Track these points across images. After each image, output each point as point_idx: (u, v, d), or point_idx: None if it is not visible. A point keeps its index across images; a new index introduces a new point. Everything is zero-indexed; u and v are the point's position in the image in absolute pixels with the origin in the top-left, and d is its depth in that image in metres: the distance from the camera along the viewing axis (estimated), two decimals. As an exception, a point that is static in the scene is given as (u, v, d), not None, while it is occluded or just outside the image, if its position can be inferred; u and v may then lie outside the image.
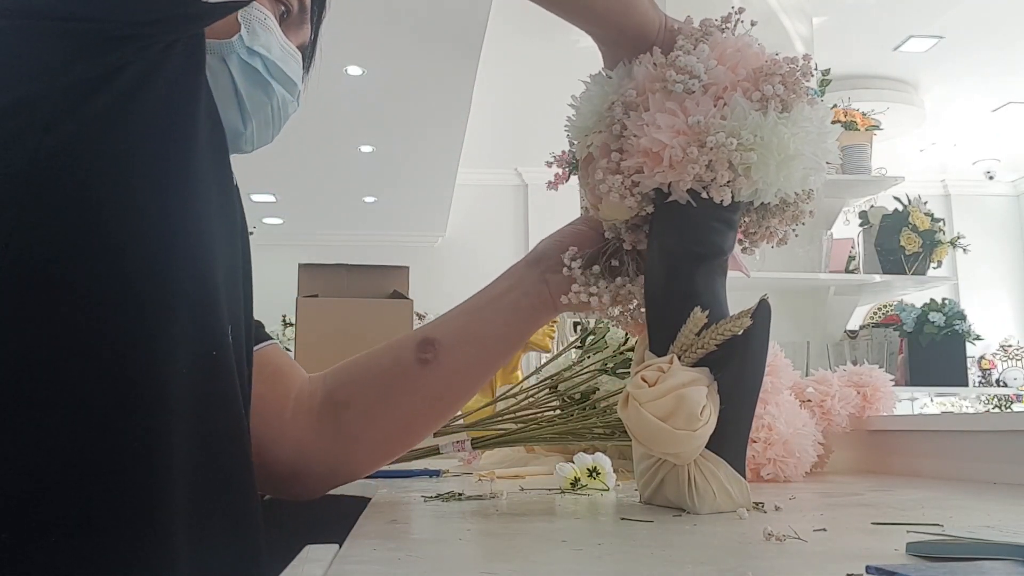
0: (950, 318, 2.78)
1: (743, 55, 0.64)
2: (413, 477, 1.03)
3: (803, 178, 0.64)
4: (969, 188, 7.01)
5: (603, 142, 0.68)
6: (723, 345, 0.64)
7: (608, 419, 0.95)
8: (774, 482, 0.90)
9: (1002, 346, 6.17)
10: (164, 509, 0.50)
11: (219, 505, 0.55)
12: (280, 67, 0.68)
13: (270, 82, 0.68)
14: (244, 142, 0.70)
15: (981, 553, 0.40)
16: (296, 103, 0.73)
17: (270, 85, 0.68)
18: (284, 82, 0.69)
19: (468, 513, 0.67)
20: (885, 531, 0.53)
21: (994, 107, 5.48)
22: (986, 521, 0.57)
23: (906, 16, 4.27)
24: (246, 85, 0.67)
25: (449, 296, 4.06)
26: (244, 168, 3.21)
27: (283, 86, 0.70)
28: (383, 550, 0.49)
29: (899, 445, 1.05)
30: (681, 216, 0.65)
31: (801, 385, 1.04)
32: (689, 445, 0.62)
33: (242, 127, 0.69)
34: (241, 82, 0.66)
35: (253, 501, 0.60)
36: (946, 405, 4.45)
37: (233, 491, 0.57)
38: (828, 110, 0.64)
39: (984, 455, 0.91)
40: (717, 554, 0.47)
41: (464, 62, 4.11)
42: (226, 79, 0.66)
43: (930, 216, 2.53)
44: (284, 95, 0.70)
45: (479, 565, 0.43)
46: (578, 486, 0.83)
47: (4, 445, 0.47)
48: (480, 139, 5.64)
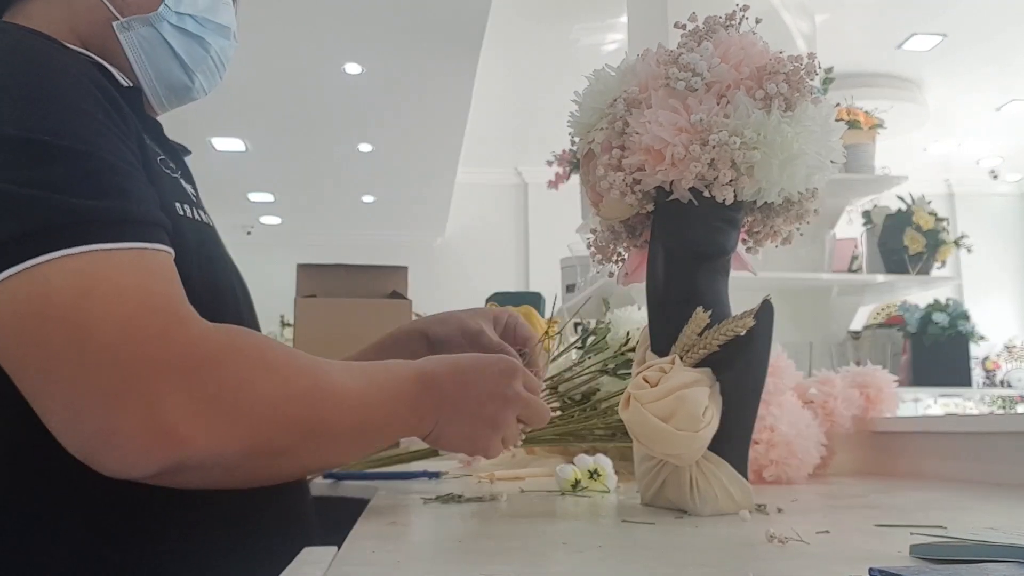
0: (954, 318, 2.77)
1: (747, 53, 0.64)
2: (412, 479, 1.02)
3: (807, 177, 0.64)
4: (973, 187, 7.00)
5: (605, 139, 0.67)
6: (726, 345, 0.63)
7: (609, 420, 0.94)
8: (777, 484, 0.90)
9: (1007, 347, 6.15)
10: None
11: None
12: (210, 18, 0.73)
13: (203, 37, 0.73)
14: (196, 93, 0.76)
15: (985, 555, 0.40)
16: (235, 42, 0.77)
17: (204, 39, 0.73)
18: (217, 30, 0.74)
19: (468, 515, 0.66)
20: (888, 533, 0.52)
21: (998, 105, 5.47)
22: (990, 523, 0.56)
23: (909, 14, 4.26)
24: (182, 45, 0.72)
25: (449, 296, 4.08)
26: (243, 167, 3.23)
27: (218, 34, 0.74)
28: (382, 552, 0.48)
29: (902, 446, 1.04)
30: (683, 215, 0.65)
31: (804, 386, 1.03)
32: (691, 446, 0.62)
33: (189, 82, 0.74)
34: (177, 44, 0.71)
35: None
36: (950, 406, 4.45)
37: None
38: (832, 108, 0.64)
39: (988, 457, 0.90)
40: (719, 556, 0.47)
41: (464, 61, 4.10)
42: (163, 46, 0.70)
43: (934, 215, 2.52)
44: (220, 42, 0.75)
45: (479, 568, 0.43)
46: (579, 488, 0.83)
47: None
48: (480, 139, 5.64)
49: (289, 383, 0.53)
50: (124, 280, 0.48)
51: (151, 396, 0.46)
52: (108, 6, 0.68)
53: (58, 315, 0.46)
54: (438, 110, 4.70)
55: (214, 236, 0.69)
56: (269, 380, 0.52)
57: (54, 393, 0.47)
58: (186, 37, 0.72)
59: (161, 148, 0.68)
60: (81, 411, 0.46)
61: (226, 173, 5.72)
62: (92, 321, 0.47)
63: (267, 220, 6.87)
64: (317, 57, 4.10)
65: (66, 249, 0.48)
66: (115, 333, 0.46)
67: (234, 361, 0.50)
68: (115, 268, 0.49)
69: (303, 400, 0.54)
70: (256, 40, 3.90)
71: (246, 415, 0.50)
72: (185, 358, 0.48)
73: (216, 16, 0.73)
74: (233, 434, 0.50)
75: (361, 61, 4.15)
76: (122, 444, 0.46)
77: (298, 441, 0.54)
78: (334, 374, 0.58)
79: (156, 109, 0.76)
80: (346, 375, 0.59)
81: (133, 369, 0.46)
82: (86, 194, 0.50)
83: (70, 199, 0.49)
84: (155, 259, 0.52)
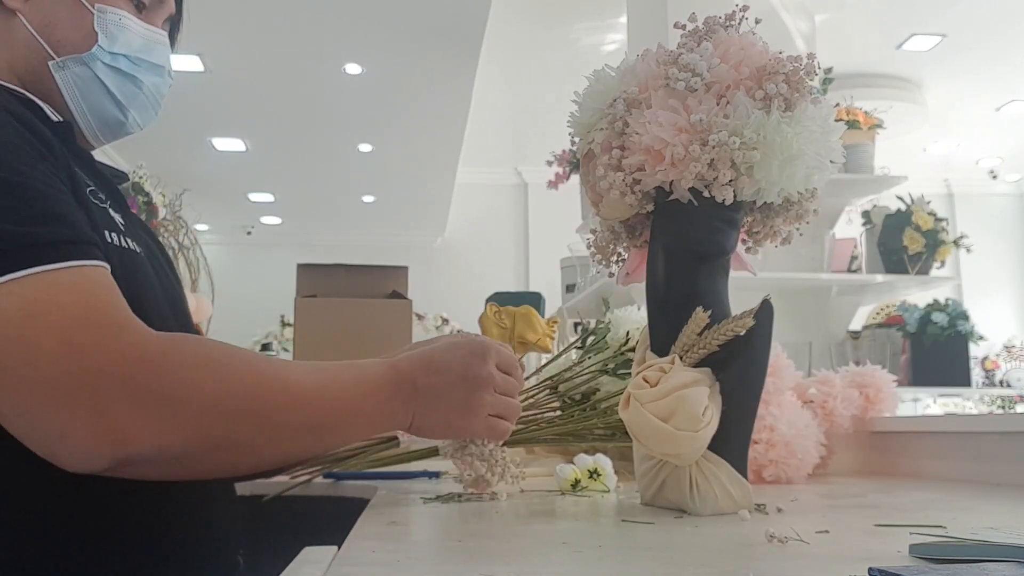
0: (953, 318, 2.77)
1: (747, 53, 0.64)
2: (412, 479, 1.02)
3: (806, 177, 0.64)
4: (972, 187, 7.00)
5: (605, 139, 0.67)
6: (725, 345, 0.63)
7: (609, 420, 0.94)
8: (776, 483, 0.90)
9: (1006, 347, 6.15)
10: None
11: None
12: (144, 58, 0.76)
13: (137, 75, 0.76)
14: (130, 128, 0.79)
15: (985, 555, 0.40)
16: (169, 79, 0.80)
17: (137, 78, 0.76)
18: (151, 69, 0.77)
19: (468, 515, 0.66)
20: (888, 533, 0.52)
21: (998, 105, 5.47)
22: (990, 523, 0.56)
23: (909, 14, 4.26)
24: (116, 83, 0.75)
25: (448, 296, 4.04)
26: (243, 167, 3.23)
27: (152, 72, 0.78)
28: (382, 552, 0.48)
29: (902, 446, 1.04)
30: (682, 215, 0.65)
31: (803, 386, 1.03)
32: (690, 446, 0.62)
33: (123, 118, 0.77)
34: (111, 82, 0.74)
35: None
36: (949, 406, 4.44)
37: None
38: (832, 108, 0.64)
39: (988, 456, 0.90)
40: (719, 556, 0.47)
41: (464, 61, 4.10)
42: (96, 83, 0.74)
43: (933, 216, 2.52)
44: (154, 80, 0.78)
45: (479, 568, 0.43)
46: (579, 487, 0.83)
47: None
48: (480, 138, 5.63)
49: (231, 380, 0.57)
50: (64, 298, 0.53)
51: (94, 400, 0.51)
52: (44, 46, 0.72)
53: (8, 334, 0.51)
54: (438, 110, 4.70)
55: (143, 262, 0.71)
56: (209, 378, 0.56)
57: (12, 403, 0.52)
58: (119, 76, 0.75)
59: (92, 179, 0.70)
60: (36, 418, 0.52)
61: (226, 173, 5.72)
62: (38, 338, 0.51)
63: (267, 220, 6.86)
64: (317, 57, 4.10)
65: (10, 274, 0.52)
66: (59, 348, 0.51)
67: (172, 362, 0.54)
68: (56, 287, 0.53)
69: (247, 395, 0.57)
70: (256, 40, 3.90)
71: (185, 411, 0.54)
72: (123, 364, 0.52)
73: (150, 56, 0.77)
74: (174, 430, 0.54)
75: (361, 61, 4.15)
76: (74, 444, 0.51)
77: (247, 435, 0.58)
78: (285, 372, 0.61)
79: (91, 142, 0.79)
80: (301, 373, 0.62)
81: (77, 379, 0.51)
82: (23, 221, 0.54)
83: (8, 226, 0.53)
84: (93, 275, 0.56)
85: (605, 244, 0.74)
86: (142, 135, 0.85)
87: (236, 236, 6.90)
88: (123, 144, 4.44)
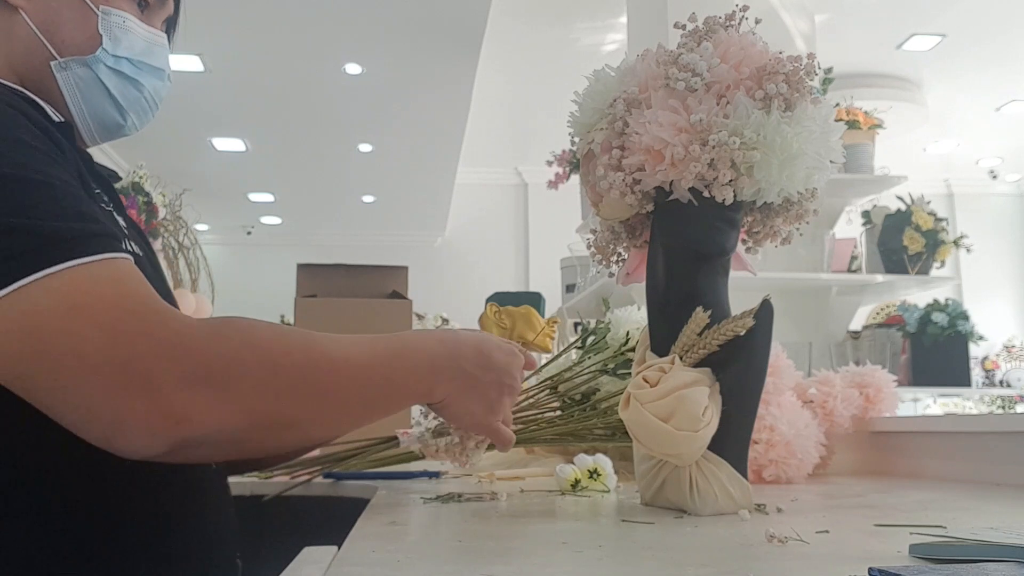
0: (953, 318, 2.77)
1: (747, 53, 0.64)
2: (412, 479, 1.02)
3: (806, 177, 0.64)
4: (972, 187, 7.00)
5: (605, 139, 0.67)
6: (725, 345, 0.63)
7: (609, 420, 0.94)
8: (776, 483, 0.90)
9: (1006, 346, 6.15)
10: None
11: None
12: (146, 61, 0.77)
13: (138, 79, 0.76)
14: (127, 130, 0.80)
15: (985, 555, 0.40)
16: (167, 83, 0.81)
17: (139, 81, 0.77)
18: (152, 72, 0.78)
19: (468, 515, 0.66)
20: (888, 533, 0.52)
21: (998, 105, 5.47)
22: (990, 523, 0.56)
23: (908, 14, 4.26)
24: (117, 86, 0.75)
25: (448, 296, 4.04)
26: (243, 167, 3.22)
27: (152, 76, 0.78)
28: (382, 552, 0.48)
29: (902, 446, 1.04)
30: (682, 215, 0.65)
31: (803, 386, 1.03)
32: (690, 446, 0.62)
33: (122, 120, 0.78)
34: (112, 85, 0.75)
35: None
36: (949, 406, 4.44)
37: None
38: (832, 108, 0.64)
39: (988, 456, 0.90)
40: (719, 556, 0.47)
41: (464, 61, 4.10)
42: (98, 86, 0.74)
43: (933, 215, 2.52)
44: (154, 83, 0.78)
45: (479, 568, 0.43)
46: (579, 487, 0.83)
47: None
48: (480, 139, 5.64)
49: (278, 357, 0.57)
50: (104, 290, 0.53)
51: (149, 386, 0.51)
52: (47, 46, 0.72)
53: (54, 328, 0.51)
54: (438, 110, 4.70)
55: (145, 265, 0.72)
56: (256, 356, 0.56)
57: (65, 399, 0.52)
58: (121, 78, 0.75)
59: (95, 181, 0.70)
60: (91, 409, 0.52)
61: (226, 173, 5.72)
62: (85, 330, 0.51)
63: (267, 220, 6.87)
64: (317, 57, 4.10)
65: (47, 269, 0.52)
66: (107, 338, 0.51)
67: (218, 344, 0.55)
68: (94, 280, 0.53)
69: (298, 374, 0.58)
70: (256, 40, 3.90)
71: (238, 391, 0.55)
72: (173, 349, 0.53)
73: (151, 59, 0.77)
74: (230, 409, 0.54)
75: (361, 61, 4.15)
76: (133, 431, 0.52)
77: (297, 412, 0.58)
78: (333, 347, 0.61)
79: (87, 142, 0.79)
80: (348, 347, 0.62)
81: (130, 366, 0.51)
82: (53, 216, 0.55)
83: (39, 222, 0.54)
84: (126, 267, 0.56)
85: (605, 244, 0.74)
86: (142, 135, 0.85)
87: (236, 236, 6.90)
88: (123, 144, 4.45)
